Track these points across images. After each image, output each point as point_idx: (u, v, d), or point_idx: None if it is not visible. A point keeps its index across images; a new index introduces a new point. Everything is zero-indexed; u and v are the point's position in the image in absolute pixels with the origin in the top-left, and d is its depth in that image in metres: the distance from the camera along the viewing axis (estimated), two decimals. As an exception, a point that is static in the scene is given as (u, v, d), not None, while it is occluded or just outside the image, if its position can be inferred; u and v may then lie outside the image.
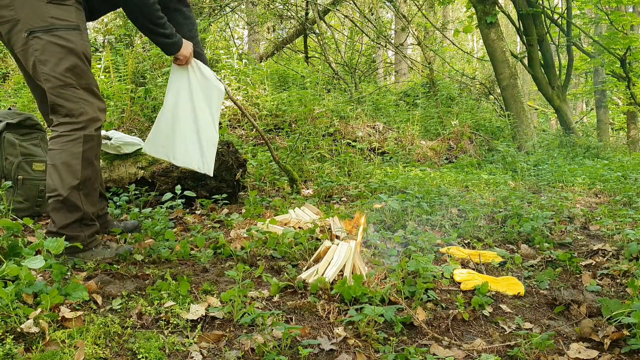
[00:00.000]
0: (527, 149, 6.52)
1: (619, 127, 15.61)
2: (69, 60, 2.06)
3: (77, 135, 2.08)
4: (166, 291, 1.76)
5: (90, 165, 2.12)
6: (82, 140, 2.08)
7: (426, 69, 9.16)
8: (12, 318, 1.50)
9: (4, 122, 2.81)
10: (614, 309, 1.70)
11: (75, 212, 2.09)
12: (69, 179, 2.07)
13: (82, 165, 2.08)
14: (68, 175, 2.07)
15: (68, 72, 2.06)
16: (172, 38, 2.35)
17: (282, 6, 10.10)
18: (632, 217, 3.13)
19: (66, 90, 2.06)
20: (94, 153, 2.13)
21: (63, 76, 2.05)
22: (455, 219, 3.06)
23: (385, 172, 4.56)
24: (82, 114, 2.08)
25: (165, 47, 2.39)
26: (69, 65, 2.06)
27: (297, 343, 1.51)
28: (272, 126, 5.44)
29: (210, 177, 3.43)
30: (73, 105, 2.07)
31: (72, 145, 2.07)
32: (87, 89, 2.11)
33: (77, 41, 2.07)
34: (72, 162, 2.07)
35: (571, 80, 10.06)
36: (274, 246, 2.36)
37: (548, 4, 9.17)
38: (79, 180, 2.08)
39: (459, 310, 1.77)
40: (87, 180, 2.11)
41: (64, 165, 2.07)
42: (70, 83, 2.06)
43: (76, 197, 2.08)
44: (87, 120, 2.09)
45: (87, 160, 2.10)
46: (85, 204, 2.11)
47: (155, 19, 2.26)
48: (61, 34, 2.04)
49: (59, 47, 2.04)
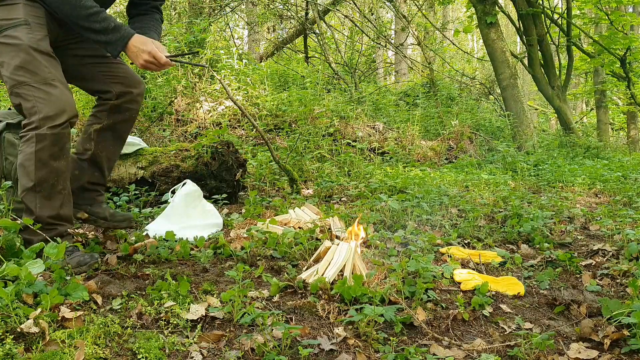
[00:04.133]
0: (527, 149, 6.52)
1: (619, 127, 15.62)
2: (18, 57, 1.96)
3: (30, 135, 1.96)
4: (166, 291, 1.76)
5: (45, 166, 1.98)
6: (34, 140, 1.95)
7: (426, 69, 9.16)
8: (12, 318, 1.50)
9: (4, 122, 2.81)
10: (614, 309, 1.70)
11: (30, 216, 2.00)
12: (23, 181, 2.00)
13: (35, 167, 1.97)
14: (22, 177, 2.00)
15: (19, 70, 1.95)
16: (106, 34, 2.01)
17: (282, 6, 10.10)
18: (632, 217, 3.12)
19: (21, 89, 1.96)
20: (48, 153, 1.97)
21: (15, 75, 1.96)
22: (455, 219, 3.06)
23: (385, 172, 4.56)
24: (35, 113, 1.95)
25: (102, 45, 2.07)
26: (18, 63, 1.95)
27: (297, 343, 1.51)
28: (272, 126, 5.44)
29: (211, 178, 3.44)
30: (28, 104, 1.97)
31: (26, 145, 1.98)
32: (45, 84, 1.97)
33: (24, 36, 1.96)
34: (26, 163, 1.98)
35: (571, 80, 10.05)
36: (274, 246, 2.36)
37: (548, 4, 9.17)
38: (33, 182, 1.98)
39: (459, 310, 1.77)
40: (44, 181, 1.99)
41: (20, 168, 2.00)
42: (23, 81, 1.96)
43: (30, 199, 1.99)
44: (40, 119, 1.95)
45: (41, 160, 1.97)
46: (41, 208, 2.00)
47: (79, 9, 1.99)
48: (8, 32, 1.97)
49: (7, 47, 1.97)
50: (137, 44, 2.01)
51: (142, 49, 2.01)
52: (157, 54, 2.02)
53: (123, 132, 2.35)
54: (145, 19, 2.36)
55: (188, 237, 2.47)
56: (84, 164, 2.30)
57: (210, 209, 2.85)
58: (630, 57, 9.54)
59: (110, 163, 2.36)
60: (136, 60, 2.02)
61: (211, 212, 2.83)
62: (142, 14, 2.36)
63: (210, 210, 2.84)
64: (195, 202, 2.80)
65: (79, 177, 2.29)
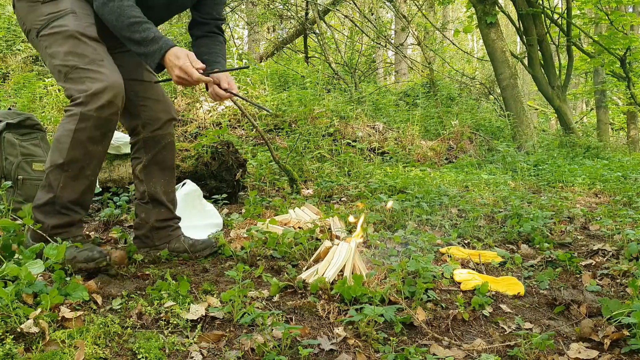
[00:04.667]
0: (527, 149, 6.52)
1: (619, 127, 15.63)
2: (67, 43, 1.94)
3: (74, 112, 1.89)
4: (166, 291, 1.76)
5: (81, 146, 1.91)
6: (77, 118, 1.88)
7: (426, 69, 9.16)
8: (12, 318, 1.50)
9: (4, 122, 2.81)
10: (614, 309, 1.70)
11: (48, 193, 1.93)
12: (54, 156, 1.92)
13: (70, 144, 1.89)
14: (55, 151, 1.92)
15: (68, 55, 1.93)
16: (145, 45, 1.91)
17: (282, 6, 10.10)
18: (632, 217, 3.13)
19: (72, 73, 1.92)
20: (87, 135, 1.90)
21: (65, 61, 1.93)
22: (455, 219, 3.06)
23: (385, 172, 4.57)
24: (84, 91, 1.88)
25: (142, 58, 1.97)
26: (67, 49, 1.94)
27: (297, 343, 1.51)
28: (272, 126, 5.44)
29: (211, 178, 3.44)
30: (80, 86, 1.90)
31: (67, 121, 1.91)
32: (94, 63, 1.93)
33: (71, 23, 1.95)
34: (62, 139, 1.90)
35: (571, 80, 10.06)
36: (274, 246, 2.36)
37: (548, 4, 9.17)
38: (64, 159, 1.90)
39: (459, 310, 1.77)
40: (74, 161, 1.91)
41: (55, 142, 1.93)
42: (73, 65, 1.92)
43: (56, 177, 1.92)
44: (88, 95, 1.87)
45: (78, 140, 1.90)
46: (63, 189, 1.92)
47: (123, 18, 1.91)
48: (56, 23, 1.96)
49: (55, 36, 1.96)
50: (171, 58, 1.89)
51: (175, 63, 1.88)
52: (189, 69, 1.89)
53: (168, 161, 2.26)
54: (211, 43, 2.28)
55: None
56: (147, 206, 2.24)
57: (210, 209, 2.85)
58: (630, 57, 9.54)
59: (169, 195, 2.28)
60: (171, 74, 1.92)
61: (211, 212, 2.83)
62: (206, 35, 2.28)
63: (210, 210, 2.84)
64: (195, 202, 2.80)
65: (146, 220, 2.24)
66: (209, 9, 2.30)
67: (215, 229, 2.70)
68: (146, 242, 2.25)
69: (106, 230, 2.77)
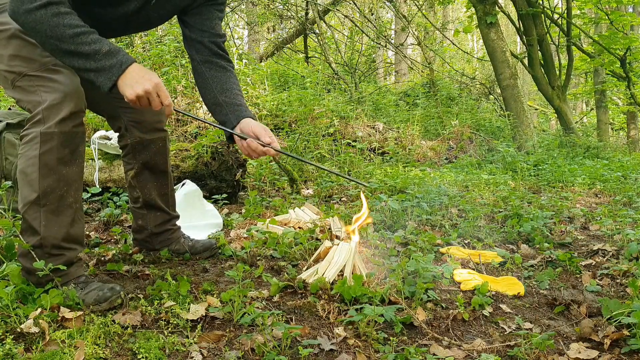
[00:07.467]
0: (527, 149, 6.52)
1: (619, 127, 15.62)
2: (10, 44, 1.65)
3: (33, 135, 1.60)
4: (166, 291, 1.76)
5: (52, 172, 1.61)
6: (38, 141, 1.59)
7: (426, 69, 9.16)
8: (12, 318, 1.50)
9: (4, 122, 2.82)
10: (614, 309, 1.70)
11: (32, 237, 1.63)
12: (25, 192, 1.62)
13: (39, 173, 1.59)
14: (24, 187, 1.63)
15: (13, 59, 1.64)
16: (96, 59, 1.53)
17: (282, 6, 10.10)
18: (632, 217, 3.13)
19: (20, 81, 1.64)
20: (55, 157, 1.61)
21: (10, 66, 1.65)
22: (455, 219, 3.06)
23: (385, 172, 4.56)
24: (39, 103, 1.59)
25: (90, 76, 1.55)
26: (11, 52, 1.65)
27: (297, 343, 1.51)
28: (272, 126, 5.44)
29: (211, 178, 3.44)
30: (30, 96, 1.63)
31: (28, 148, 1.61)
32: (45, 70, 1.63)
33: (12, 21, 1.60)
34: (28, 169, 1.61)
35: (571, 80, 10.05)
36: (274, 246, 2.36)
37: (548, 4, 9.17)
38: (38, 192, 1.60)
39: (459, 310, 1.77)
40: (50, 191, 1.61)
41: (20, 175, 1.64)
42: (20, 72, 1.63)
43: (34, 216, 1.62)
44: (45, 108, 1.59)
45: (47, 166, 1.60)
46: (47, 227, 1.62)
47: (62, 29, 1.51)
48: None
49: None
50: (137, 70, 1.56)
51: (147, 76, 1.56)
52: (164, 90, 1.59)
53: (160, 165, 2.12)
54: (222, 77, 1.93)
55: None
56: (142, 211, 2.15)
57: (210, 209, 2.85)
58: (630, 57, 9.54)
59: (164, 198, 2.16)
60: (132, 87, 1.54)
61: (211, 212, 2.83)
62: (209, 61, 1.94)
63: (210, 210, 2.84)
64: (195, 202, 2.80)
65: (144, 226, 2.17)
66: (199, 25, 1.93)
67: (215, 229, 2.70)
68: (146, 245, 2.25)
69: (106, 230, 2.77)
